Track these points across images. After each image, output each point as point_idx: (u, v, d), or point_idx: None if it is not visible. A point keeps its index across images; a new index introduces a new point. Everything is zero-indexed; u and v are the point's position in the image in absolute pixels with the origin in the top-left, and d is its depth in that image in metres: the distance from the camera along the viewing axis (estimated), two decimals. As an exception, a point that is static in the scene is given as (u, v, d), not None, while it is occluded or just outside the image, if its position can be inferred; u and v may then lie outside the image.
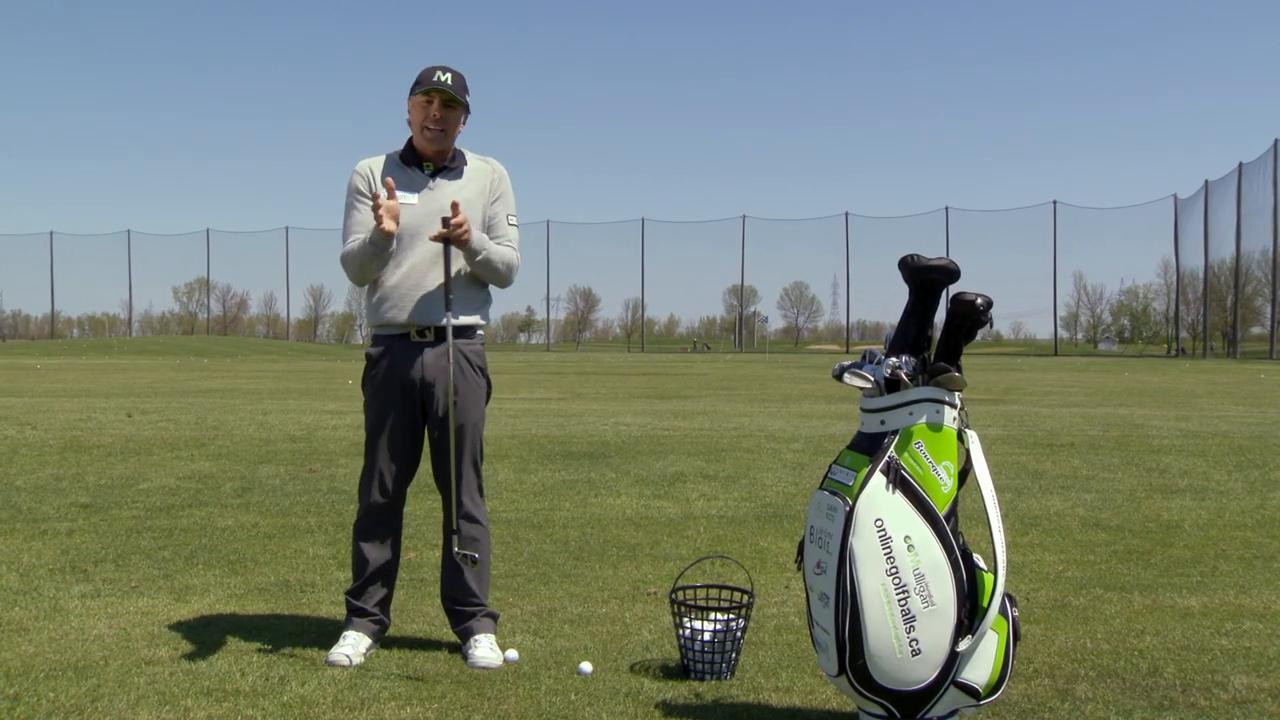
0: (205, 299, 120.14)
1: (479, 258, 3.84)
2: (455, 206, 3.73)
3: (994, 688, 2.96)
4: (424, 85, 3.83)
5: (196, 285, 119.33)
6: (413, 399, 3.89)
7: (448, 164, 3.94)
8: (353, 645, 3.79)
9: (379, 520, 3.94)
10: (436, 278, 3.83)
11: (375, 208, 3.72)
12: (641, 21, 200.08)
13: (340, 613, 4.19)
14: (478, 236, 3.83)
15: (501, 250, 3.92)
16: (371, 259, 3.81)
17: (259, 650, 3.83)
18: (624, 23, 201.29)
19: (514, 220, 4.04)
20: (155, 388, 22.28)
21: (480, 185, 3.96)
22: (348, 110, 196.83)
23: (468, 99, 3.89)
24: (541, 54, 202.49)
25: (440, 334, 3.85)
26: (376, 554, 3.94)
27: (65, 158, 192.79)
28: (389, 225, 3.70)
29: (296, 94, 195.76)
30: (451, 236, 3.73)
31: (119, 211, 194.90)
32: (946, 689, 2.90)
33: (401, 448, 3.91)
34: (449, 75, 3.84)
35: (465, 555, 3.74)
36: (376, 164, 3.95)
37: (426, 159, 3.93)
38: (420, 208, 3.86)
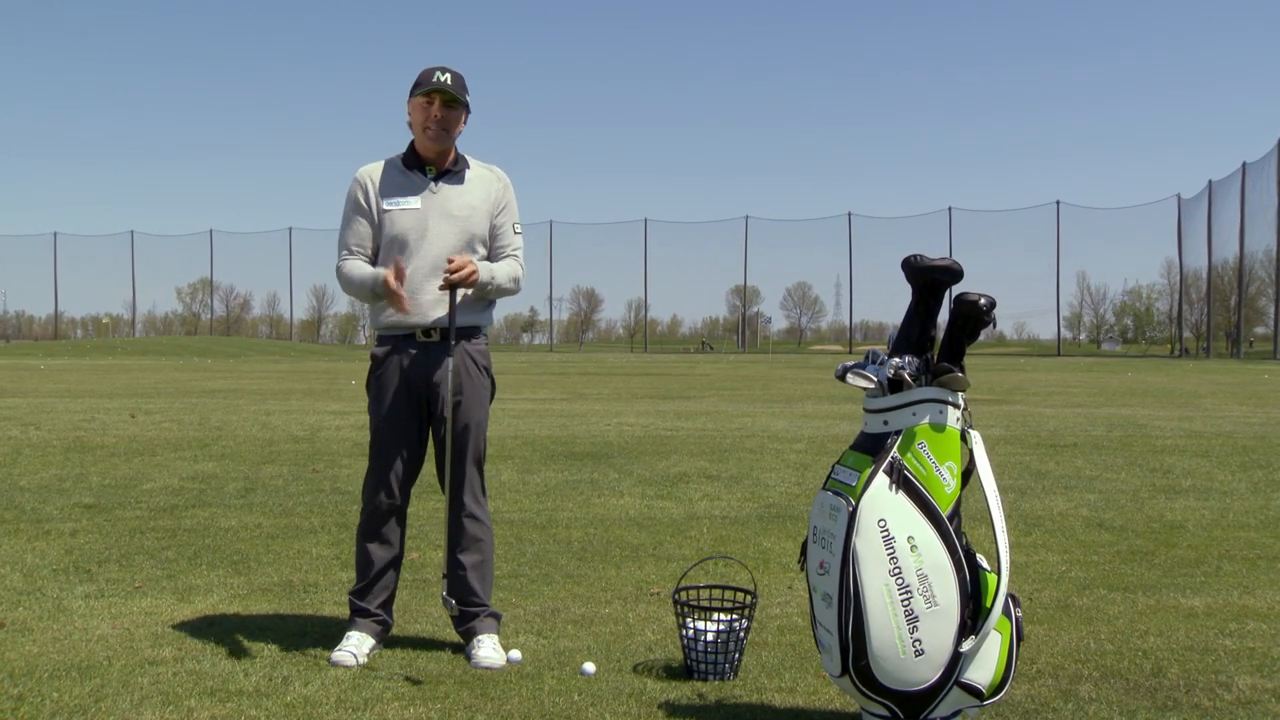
0: (209, 299, 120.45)
1: (489, 289, 3.87)
2: (451, 261, 3.73)
3: (997, 688, 2.95)
4: (424, 86, 3.83)
5: (200, 286, 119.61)
6: (417, 399, 3.90)
7: (450, 167, 3.94)
8: (356, 645, 3.79)
9: (383, 520, 3.94)
10: (440, 279, 3.83)
11: (396, 276, 3.73)
12: (643, 21, 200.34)
13: (343, 613, 4.20)
14: (484, 270, 3.83)
15: (507, 268, 3.93)
16: (369, 298, 3.90)
17: (262, 651, 3.83)
18: (625, 23, 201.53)
19: (519, 229, 4.05)
20: (159, 388, 22.31)
21: (484, 192, 3.96)
22: (350, 111, 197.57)
23: (467, 98, 3.89)
24: (543, 54, 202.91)
25: (445, 334, 3.86)
26: (380, 554, 3.94)
27: (69, 158, 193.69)
28: (397, 306, 3.77)
29: (299, 94, 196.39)
30: (457, 283, 3.75)
31: (122, 212, 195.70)
32: (950, 689, 2.90)
33: (406, 448, 3.92)
34: (448, 75, 3.84)
35: (446, 600, 3.79)
36: (376, 171, 3.95)
37: (428, 162, 3.93)
38: (422, 212, 3.86)
